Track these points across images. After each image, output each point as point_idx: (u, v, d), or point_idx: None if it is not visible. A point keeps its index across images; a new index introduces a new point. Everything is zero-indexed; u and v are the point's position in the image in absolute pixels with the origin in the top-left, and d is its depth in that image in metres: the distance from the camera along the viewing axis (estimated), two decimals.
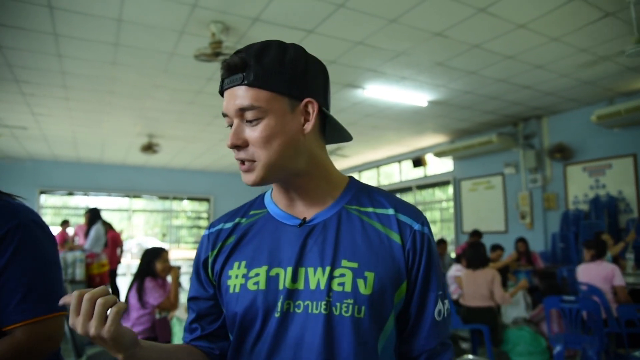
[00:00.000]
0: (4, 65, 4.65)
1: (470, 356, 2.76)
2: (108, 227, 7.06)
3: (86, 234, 6.40)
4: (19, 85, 5.28)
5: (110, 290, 0.69)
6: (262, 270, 0.84)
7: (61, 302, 0.68)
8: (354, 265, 0.82)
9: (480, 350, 4.03)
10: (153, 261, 3.39)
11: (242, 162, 0.83)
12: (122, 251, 7.74)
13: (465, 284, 4.23)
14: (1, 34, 3.93)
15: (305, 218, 0.88)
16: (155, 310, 3.32)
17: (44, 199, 10.79)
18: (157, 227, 13.84)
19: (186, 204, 13.16)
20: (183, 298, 2.39)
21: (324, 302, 0.80)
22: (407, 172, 9.88)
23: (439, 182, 9.16)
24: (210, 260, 0.92)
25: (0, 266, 1.00)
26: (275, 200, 0.93)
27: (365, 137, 8.02)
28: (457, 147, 7.78)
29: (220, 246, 0.92)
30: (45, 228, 1.12)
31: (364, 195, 0.92)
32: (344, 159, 10.10)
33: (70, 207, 11.69)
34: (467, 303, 4.17)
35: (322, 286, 0.81)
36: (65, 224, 7.96)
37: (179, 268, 3.51)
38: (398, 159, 9.95)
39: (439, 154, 8.21)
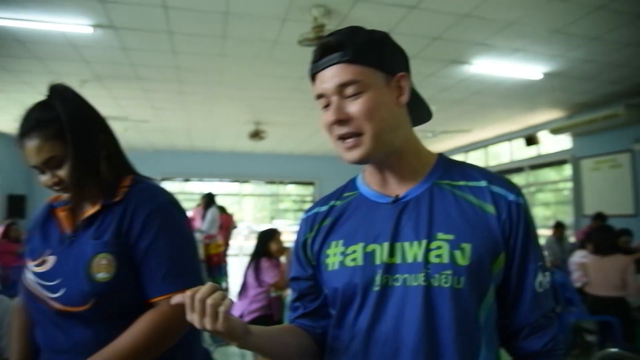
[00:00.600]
0: (129, 65, 5.11)
1: (614, 349, 2.51)
2: (221, 210, 7.52)
3: (203, 217, 6.88)
4: (141, 82, 5.78)
5: (217, 286, 0.74)
6: (359, 247, 0.87)
7: (173, 301, 0.75)
8: (450, 237, 0.82)
9: (608, 346, 3.67)
10: (268, 242, 3.57)
11: (346, 139, 0.85)
12: (230, 234, 8.17)
13: (592, 271, 3.86)
14: (125, 37, 4.32)
15: (397, 195, 0.90)
16: (271, 289, 3.50)
17: (165, 186, 11.76)
18: (265, 211, 14.48)
19: (291, 188, 13.58)
20: None
21: (422, 275, 0.81)
22: (517, 152, 9.23)
23: (554, 162, 8.41)
24: (308, 241, 0.97)
25: (146, 244, 1.10)
26: (367, 181, 0.96)
27: (472, 115, 7.62)
28: (576, 123, 7.06)
29: (317, 228, 0.96)
30: (180, 207, 1.21)
31: (455, 169, 0.92)
32: (450, 140, 9.69)
33: (186, 192, 12.64)
34: (594, 292, 3.80)
35: (419, 259, 0.82)
36: (198, 207, 8.57)
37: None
38: (508, 137, 9.30)
39: (555, 131, 7.52)
